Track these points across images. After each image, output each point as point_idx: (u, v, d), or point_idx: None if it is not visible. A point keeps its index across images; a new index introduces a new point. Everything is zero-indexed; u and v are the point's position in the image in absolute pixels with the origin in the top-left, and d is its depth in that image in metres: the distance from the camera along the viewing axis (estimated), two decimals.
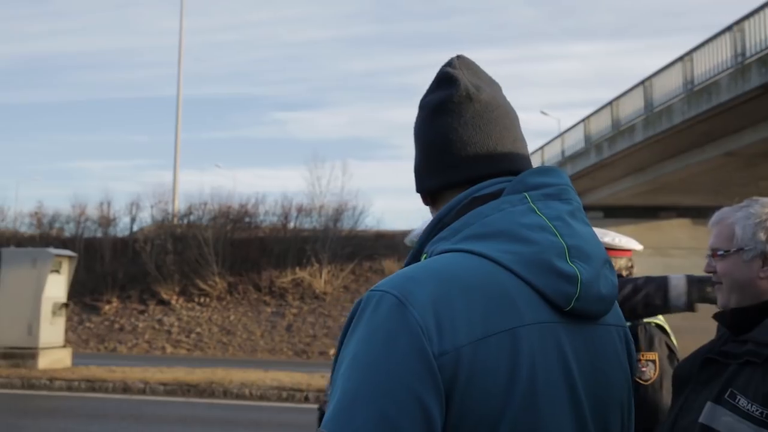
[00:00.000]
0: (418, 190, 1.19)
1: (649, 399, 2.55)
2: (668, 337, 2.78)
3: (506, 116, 1.17)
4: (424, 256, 1.09)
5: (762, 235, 1.63)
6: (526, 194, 1.08)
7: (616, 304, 1.16)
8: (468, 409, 0.94)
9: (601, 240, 3.19)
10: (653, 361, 2.68)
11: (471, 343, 0.94)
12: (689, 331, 5.55)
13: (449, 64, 1.20)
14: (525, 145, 1.18)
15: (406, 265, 1.10)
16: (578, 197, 1.13)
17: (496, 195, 1.09)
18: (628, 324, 2.77)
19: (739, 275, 1.67)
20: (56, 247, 19.02)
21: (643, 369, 2.64)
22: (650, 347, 2.71)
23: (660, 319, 2.83)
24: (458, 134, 1.14)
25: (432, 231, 1.11)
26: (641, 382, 2.57)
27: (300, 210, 26.85)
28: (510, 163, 1.14)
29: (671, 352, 2.72)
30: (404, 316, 0.94)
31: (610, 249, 2.95)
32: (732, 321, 1.69)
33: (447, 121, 1.14)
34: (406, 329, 0.93)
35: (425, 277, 0.98)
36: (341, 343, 0.99)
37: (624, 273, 2.98)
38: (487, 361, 0.95)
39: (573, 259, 1.04)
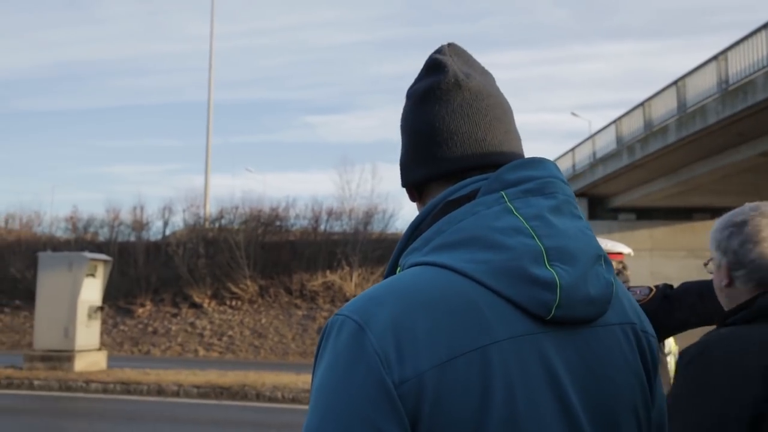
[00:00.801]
0: (403, 184, 1.11)
1: None
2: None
3: (498, 106, 1.08)
4: (399, 269, 1.01)
5: (724, 245, 1.57)
6: (503, 193, 0.98)
7: (623, 299, 1.06)
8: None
9: None
10: None
11: (434, 367, 0.87)
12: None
13: (439, 50, 1.12)
14: (518, 138, 1.10)
15: (386, 275, 1.04)
16: (568, 188, 1.03)
17: (471, 197, 1.00)
18: None
19: (716, 283, 1.63)
20: (91, 251, 19.31)
21: None
22: None
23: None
24: (445, 123, 1.05)
25: (407, 240, 1.02)
26: None
27: (330, 213, 26.96)
28: (500, 156, 1.05)
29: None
30: (362, 344, 0.88)
31: None
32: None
33: (434, 109, 1.06)
34: (363, 358, 0.87)
35: (386, 296, 0.91)
36: (314, 368, 0.95)
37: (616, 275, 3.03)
38: (455, 385, 0.87)
39: (552, 262, 0.94)
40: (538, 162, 1.02)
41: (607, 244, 3.02)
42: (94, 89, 69.53)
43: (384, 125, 70.35)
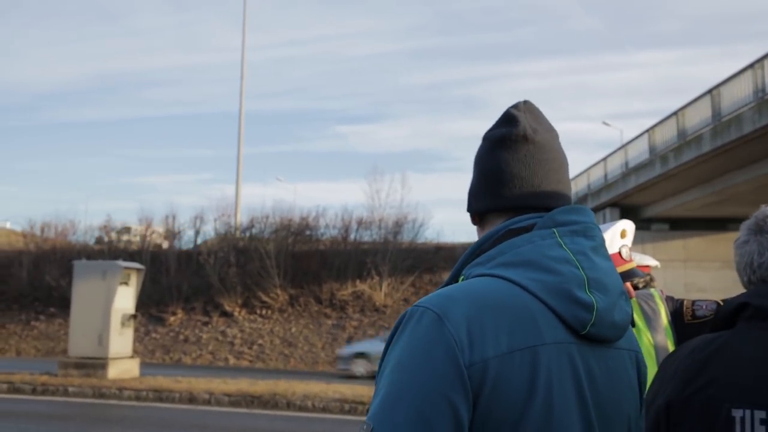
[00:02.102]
0: (469, 210, 1.35)
1: None
2: None
3: (555, 160, 1.31)
4: (462, 278, 1.23)
5: (736, 258, 1.58)
6: (554, 230, 1.22)
7: (631, 330, 1.31)
8: (491, 415, 1.07)
9: None
10: None
11: (497, 356, 1.08)
12: None
13: (515, 106, 1.35)
14: (568, 186, 1.33)
15: (447, 284, 1.24)
16: (602, 234, 1.27)
17: (528, 228, 1.23)
18: None
19: None
20: (123, 259, 19.55)
21: None
22: None
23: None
24: (510, 168, 1.29)
25: (470, 256, 1.26)
26: None
27: (360, 223, 27.00)
28: (551, 200, 1.28)
29: None
30: (441, 330, 1.08)
31: None
32: None
33: (503, 155, 1.30)
34: (442, 341, 1.07)
35: (461, 296, 1.12)
36: (386, 350, 1.14)
37: (641, 285, 3.07)
38: (510, 373, 1.08)
39: (591, 290, 1.17)
40: (582, 209, 1.27)
41: (635, 257, 3.01)
42: (128, 100, 70.64)
43: (414, 135, 70.40)
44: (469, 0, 70.09)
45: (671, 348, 2.54)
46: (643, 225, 25.16)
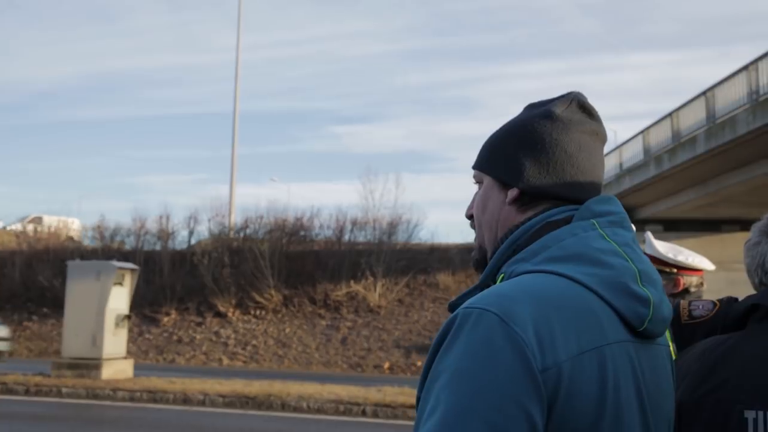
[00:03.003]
0: (518, 185, 1.21)
1: None
2: None
3: (602, 156, 1.28)
4: (501, 276, 1.15)
5: (747, 260, 1.58)
6: (594, 221, 1.15)
7: None
8: (566, 422, 0.99)
9: (674, 258, 3.08)
10: None
11: (569, 359, 1.00)
12: None
13: (583, 97, 1.28)
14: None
15: (483, 282, 1.18)
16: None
17: (567, 221, 1.17)
18: None
19: None
20: (117, 259, 19.47)
21: None
22: None
23: None
24: (580, 157, 1.22)
25: (506, 252, 1.17)
26: None
27: (354, 223, 26.96)
28: (595, 192, 1.23)
29: None
30: (507, 333, 0.98)
31: (683, 267, 2.94)
32: None
33: (581, 139, 1.22)
34: (510, 345, 0.98)
35: (519, 295, 1.03)
36: (432, 359, 1.03)
37: (692, 290, 2.98)
38: (582, 376, 1.01)
39: (644, 283, 1.11)
40: (613, 199, 1.22)
41: (689, 258, 2.96)
42: (123, 100, 70.47)
43: (409, 135, 70.37)
44: (465, 1, 70.20)
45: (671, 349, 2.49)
46: (637, 226, 24.83)
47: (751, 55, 16.87)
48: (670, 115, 20.53)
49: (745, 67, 16.58)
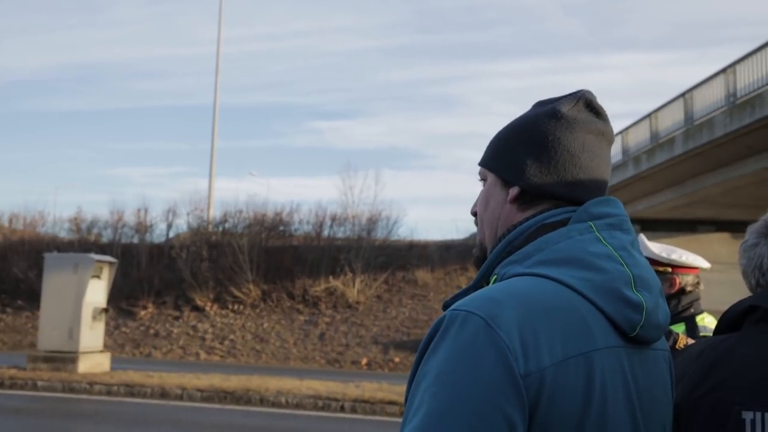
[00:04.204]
0: (518, 182, 1.20)
1: None
2: None
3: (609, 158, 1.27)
4: (494, 277, 1.15)
5: (743, 261, 1.59)
6: (591, 223, 1.14)
7: None
8: (549, 427, 0.99)
9: (668, 257, 3.10)
10: None
11: (553, 365, 0.99)
12: None
13: (592, 95, 1.25)
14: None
15: (476, 284, 1.17)
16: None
17: (563, 223, 1.15)
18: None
19: None
20: (94, 252, 19.30)
21: None
22: None
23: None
24: (586, 155, 1.21)
25: (501, 253, 1.17)
26: None
27: (334, 219, 26.93)
28: (600, 192, 1.22)
29: None
30: (491, 337, 0.98)
31: (678, 266, 2.93)
32: None
33: (585, 140, 1.21)
34: (493, 349, 0.97)
35: (506, 299, 1.02)
36: (419, 359, 1.03)
37: (689, 289, 2.97)
38: (566, 382, 1.00)
39: (638, 288, 1.10)
40: (614, 201, 1.20)
41: (683, 256, 2.96)
42: (101, 91, 69.66)
43: (390, 132, 70.33)
44: None
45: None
46: None
47: (729, 58, 17.12)
48: (649, 116, 20.73)
49: (723, 70, 16.79)
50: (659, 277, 2.94)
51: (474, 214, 1.30)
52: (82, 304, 14.26)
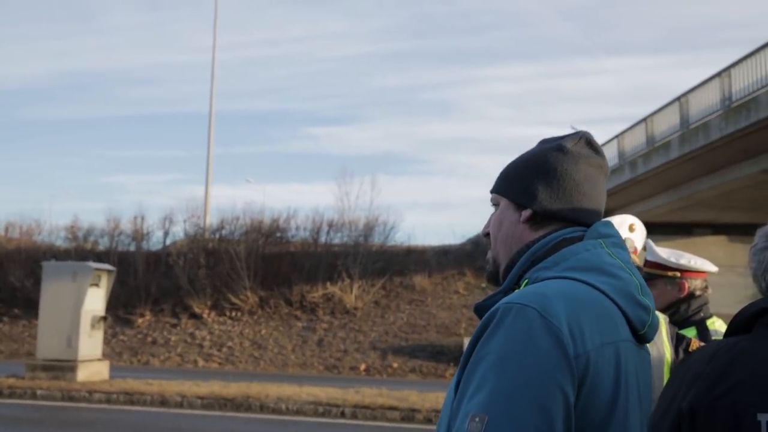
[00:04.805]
0: (532, 206, 1.41)
1: None
2: None
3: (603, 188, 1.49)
4: (525, 281, 1.33)
5: (753, 264, 1.61)
6: (601, 241, 1.35)
7: None
8: (590, 403, 1.17)
9: (677, 261, 3.12)
10: None
11: (594, 349, 1.19)
12: None
13: (589, 135, 1.48)
14: None
15: (507, 287, 1.37)
16: None
17: (580, 239, 1.37)
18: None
19: None
20: (91, 260, 19.25)
21: None
22: None
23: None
24: (588, 185, 1.42)
25: (526, 262, 1.37)
26: None
27: (331, 225, 26.92)
28: (598, 217, 1.44)
29: None
30: (546, 325, 1.16)
31: (686, 270, 2.95)
32: None
33: (588, 172, 1.42)
34: (550, 334, 1.16)
35: (554, 295, 1.21)
36: (473, 346, 1.20)
37: (698, 293, 2.98)
38: (603, 365, 1.20)
39: (644, 294, 1.33)
40: (610, 224, 1.42)
41: (692, 260, 2.99)
42: (97, 99, 69.53)
43: (386, 137, 70.23)
44: (444, 4, 70.25)
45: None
46: None
47: (724, 61, 17.19)
48: (644, 120, 20.80)
49: (719, 74, 16.87)
50: (668, 282, 2.98)
51: (486, 235, 1.49)
52: (81, 312, 14.23)
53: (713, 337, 2.82)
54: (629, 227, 2.58)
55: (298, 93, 69.02)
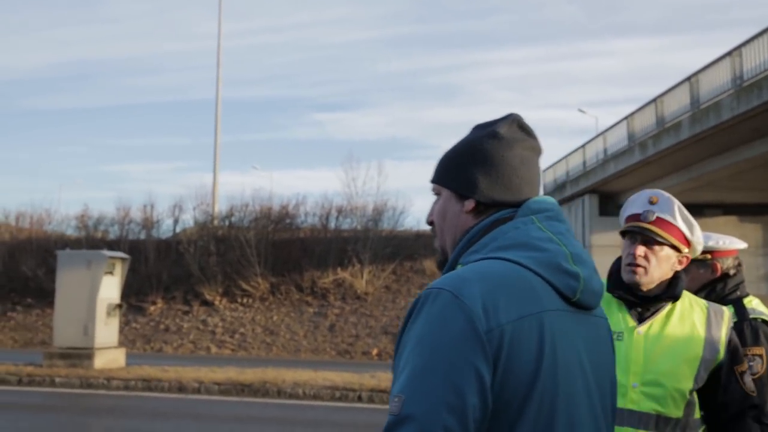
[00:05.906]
0: (474, 196, 1.43)
1: (758, 391, 2.55)
2: None
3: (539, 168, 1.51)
4: (459, 266, 1.38)
5: None
6: (533, 217, 1.39)
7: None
8: (509, 375, 1.21)
9: (705, 244, 3.12)
10: (760, 356, 2.72)
11: (509, 322, 1.23)
12: None
13: (520, 117, 1.49)
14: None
15: (446, 272, 1.41)
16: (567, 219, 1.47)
17: (512, 218, 1.40)
18: (735, 320, 2.78)
19: None
20: (102, 249, 19.33)
21: (751, 363, 2.65)
22: (756, 342, 2.74)
23: (767, 314, 2.85)
24: (524, 168, 1.44)
25: (464, 247, 1.41)
26: (751, 375, 2.57)
27: (340, 211, 26.95)
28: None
29: None
30: (458, 305, 1.22)
31: (716, 251, 2.94)
32: None
33: (522, 156, 1.44)
34: (460, 314, 1.22)
35: (471, 276, 1.27)
36: (402, 331, 1.28)
37: (732, 272, 2.97)
38: (522, 337, 1.23)
39: (576, 262, 1.36)
40: (549, 199, 1.44)
41: (720, 241, 2.98)
42: (104, 88, 69.63)
43: (392, 122, 70.26)
44: None
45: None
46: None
47: (735, 40, 17.08)
48: (654, 100, 20.71)
49: (729, 53, 16.76)
50: (699, 265, 2.98)
51: (430, 223, 1.53)
52: (96, 300, 14.33)
53: (751, 316, 2.82)
54: (650, 200, 2.54)
55: (303, 79, 69.02)
